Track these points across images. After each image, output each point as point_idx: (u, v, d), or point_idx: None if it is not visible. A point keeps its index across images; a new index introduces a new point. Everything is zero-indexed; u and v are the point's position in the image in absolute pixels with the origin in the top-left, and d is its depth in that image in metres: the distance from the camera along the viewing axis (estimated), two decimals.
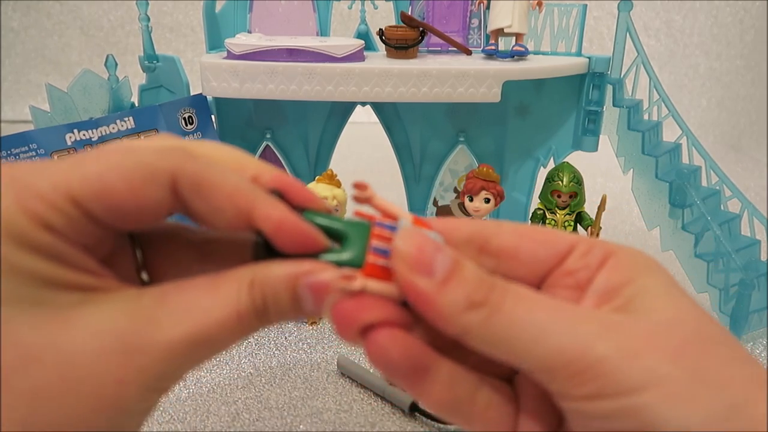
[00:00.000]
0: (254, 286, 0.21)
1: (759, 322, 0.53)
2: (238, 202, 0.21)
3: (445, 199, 0.72)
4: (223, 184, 0.21)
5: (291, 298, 0.21)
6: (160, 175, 0.21)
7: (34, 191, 0.19)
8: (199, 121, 0.59)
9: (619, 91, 0.59)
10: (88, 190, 0.20)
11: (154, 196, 0.21)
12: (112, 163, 0.20)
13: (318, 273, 0.21)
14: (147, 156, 0.21)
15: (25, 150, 0.50)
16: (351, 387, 0.46)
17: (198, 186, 0.21)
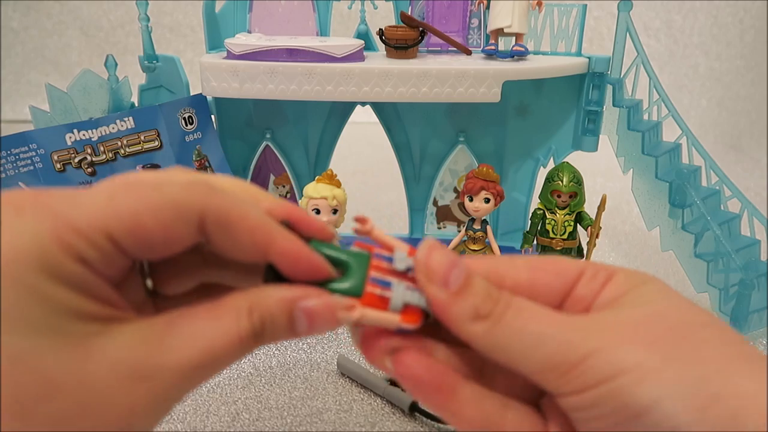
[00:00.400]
0: (252, 312, 0.23)
1: (759, 322, 0.53)
2: (257, 237, 0.23)
3: (445, 199, 0.72)
4: (245, 219, 0.23)
5: (287, 320, 0.23)
6: (188, 213, 0.22)
7: (71, 225, 0.20)
8: (199, 121, 0.59)
9: (619, 91, 0.59)
10: (123, 227, 0.21)
11: (182, 232, 0.22)
12: (144, 200, 0.21)
13: (312, 298, 0.23)
14: (176, 193, 0.22)
15: (25, 150, 0.50)
16: (351, 387, 0.46)
17: (223, 222, 0.23)
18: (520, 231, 0.68)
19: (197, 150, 0.60)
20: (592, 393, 0.21)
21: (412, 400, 0.43)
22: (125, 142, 0.55)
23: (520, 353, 0.22)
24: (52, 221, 0.20)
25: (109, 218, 0.21)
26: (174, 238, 0.22)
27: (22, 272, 0.19)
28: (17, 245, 0.20)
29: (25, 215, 0.20)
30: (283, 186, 0.71)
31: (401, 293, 0.23)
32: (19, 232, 0.20)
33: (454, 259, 0.24)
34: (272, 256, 0.24)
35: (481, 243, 0.54)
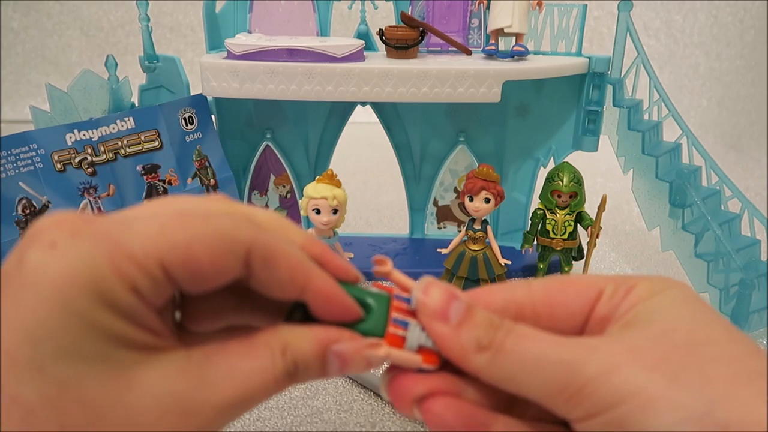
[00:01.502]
0: (286, 354, 0.23)
1: (759, 322, 0.53)
2: (297, 275, 0.24)
3: (445, 199, 0.72)
4: (287, 257, 0.24)
5: (320, 363, 0.24)
6: (237, 247, 0.23)
7: (127, 252, 0.20)
8: (199, 121, 0.59)
9: (619, 91, 0.59)
10: (176, 257, 0.21)
11: (230, 265, 0.23)
12: (197, 231, 0.22)
13: (344, 342, 0.24)
14: (226, 226, 0.22)
15: (25, 150, 0.50)
16: (351, 387, 0.46)
17: (267, 258, 0.23)
18: (520, 231, 0.68)
19: (197, 150, 0.60)
20: (601, 419, 0.21)
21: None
22: (125, 142, 0.55)
23: (524, 380, 0.22)
24: (108, 247, 0.20)
25: (163, 248, 0.21)
26: (222, 271, 0.23)
27: (75, 297, 0.20)
28: (72, 269, 0.20)
29: (82, 239, 0.20)
30: (283, 186, 0.71)
31: (416, 335, 0.24)
32: (74, 256, 0.20)
33: (452, 292, 0.24)
34: (309, 293, 0.24)
35: (481, 243, 0.54)
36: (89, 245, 0.20)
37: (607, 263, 0.68)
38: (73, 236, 0.20)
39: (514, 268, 0.64)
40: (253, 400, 0.23)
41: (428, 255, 0.67)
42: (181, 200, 0.24)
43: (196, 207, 0.24)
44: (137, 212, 0.23)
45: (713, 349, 0.22)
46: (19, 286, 0.20)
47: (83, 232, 0.21)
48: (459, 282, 0.54)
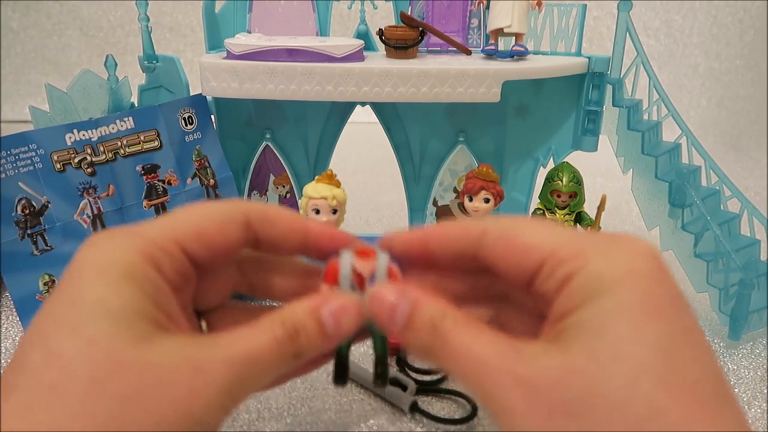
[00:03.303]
0: (285, 322, 0.27)
1: (759, 321, 0.53)
2: (296, 225, 0.30)
3: (445, 199, 0.72)
4: (283, 214, 0.30)
5: (317, 324, 0.27)
6: (237, 215, 0.29)
7: (149, 239, 0.26)
8: (199, 121, 0.59)
9: (619, 91, 0.59)
10: (189, 234, 0.28)
11: (234, 231, 0.29)
12: (203, 212, 0.29)
13: (333, 300, 0.28)
14: (224, 203, 0.29)
15: (24, 150, 0.50)
16: (351, 387, 0.46)
17: (265, 218, 0.29)
18: None
19: (197, 150, 0.60)
20: None
21: (413, 400, 0.43)
22: (125, 142, 0.55)
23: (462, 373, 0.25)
24: (134, 237, 0.26)
25: (177, 229, 0.27)
26: (227, 236, 0.29)
27: (106, 273, 0.25)
28: (106, 253, 0.26)
29: (113, 236, 0.27)
30: (283, 186, 0.71)
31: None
32: (107, 245, 0.26)
33: (401, 293, 0.27)
34: (311, 237, 0.30)
35: None
36: (119, 238, 0.26)
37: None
38: (107, 235, 0.27)
39: None
40: (262, 362, 0.25)
41: None
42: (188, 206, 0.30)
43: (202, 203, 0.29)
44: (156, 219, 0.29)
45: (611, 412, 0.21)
46: (68, 273, 0.25)
47: (115, 232, 0.27)
48: None
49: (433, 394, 0.45)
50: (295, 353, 0.27)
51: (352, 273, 0.30)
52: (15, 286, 0.50)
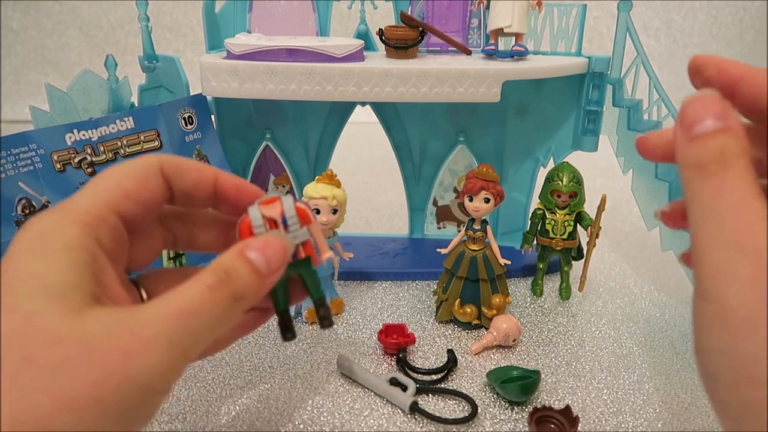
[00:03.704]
0: (214, 268, 0.27)
1: None
2: (205, 172, 0.31)
3: (445, 199, 0.72)
4: (192, 163, 0.31)
5: (246, 264, 0.28)
6: (153, 167, 0.30)
7: (84, 210, 0.27)
8: (199, 121, 0.59)
9: (619, 91, 0.59)
10: (117, 196, 0.28)
11: (155, 184, 0.30)
12: (122, 172, 0.29)
13: (255, 239, 0.29)
14: (139, 160, 0.30)
15: (25, 150, 0.50)
16: (351, 387, 0.46)
17: (177, 167, 0.30)
18: (520, 231, 0.68)
19: (197, 150, 0.60)
20: None
21: (413, 400, 0.43)
22: (125, 142, 0.55)
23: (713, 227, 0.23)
24: (69, 212, 0.27)
25: (105, 194, 0.28)
26: (151, 188, 0.30)
27: (48, 250, 0.25)
28: (42, 229, 0.26)
29: (51, 214, 0.27)
30: (283, 186, 0.71)
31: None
32: (47, 224, 0.26)
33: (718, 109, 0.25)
34: (219, 184, 0.32)
35: (481, 243, 0.54)
36: (53, 215, 0.27)
37: (607, 263, 0.68)
38: (41, 215, 0.27)
39: (514, 268, 0.64)
40: (199, 310, 0.26)
41: (428, 255, 0.67)
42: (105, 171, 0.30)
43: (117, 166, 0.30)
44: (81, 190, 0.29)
45: None
46: (5, 257, 0.26)
47: (49, 211, 0.27)
48: (459, 282, 0.54)
49: (433, 394, 0.45)
50: (234, 295, 0.27)
51: (263, 220, 0.32)
52: None
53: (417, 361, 0.50)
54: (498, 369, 0.47)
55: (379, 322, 0.55)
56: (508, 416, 0.43)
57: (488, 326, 0.54)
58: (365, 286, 0.62)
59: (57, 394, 0.22)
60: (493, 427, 0.42)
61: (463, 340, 0.53)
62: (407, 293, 0.61)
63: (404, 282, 0.63)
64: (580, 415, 0.43)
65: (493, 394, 0.45)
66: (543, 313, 0.58)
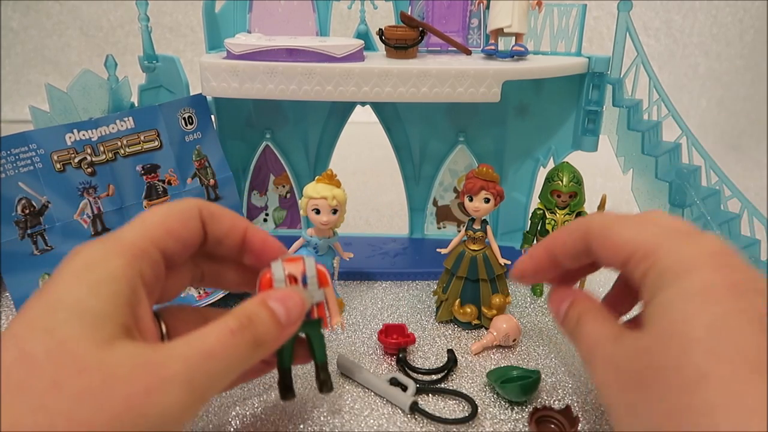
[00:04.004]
0: (236, 314, 0.29)
1: None
2: (237, 222, 0.35)
3: (445, 199, 0.72)
4: (227, 212, 0.35)
5: (267, 311, 0.31)
6: (193, 211, 0.33)
7: (130, 242, 0.29)
8: (199, 121, 0.59)
9: (619, 90, 0.59)
10: (162, 233, 0.31)
11: (195, 225, 0.33)
12: (166, 212, 0.32)
13: (277, 291, 0.33)
14: (181, 203, 0.33)
15: (24, 150, 0.50)
16: (351, 387, 0.46)
17: (212, 213, 0.34)
18: (520, 231, 0.68)
19: (197, 150, 0.60)
20: None
21: (413, 400, 0.43)
22: (125, 142, 0.55)
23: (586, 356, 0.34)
24: (116, 243, 0.29)
25: (150, 229, 0.31)
26: (191, 229, 0.32)
27: (92, 278, 0.27)
28: (94, 259, 0.28)
29: (99, 243, 0.29)
30: (283, 186, 0.71)
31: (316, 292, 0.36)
32: (95, 253, 0.28)
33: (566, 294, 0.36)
34: (248, 237, 0.35)
35: (481, 243, 0.54)
36: (101, 244, 0.29)
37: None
38: (90, 243, 0.29)
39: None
40: (219, 354, 0.27)
41: (428, 255, 0.67)
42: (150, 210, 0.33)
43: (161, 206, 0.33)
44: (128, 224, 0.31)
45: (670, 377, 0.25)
46: (51, 279, 0.28)
47: (98, 240, 0.29)
48: (459, 282, 0.54)
49: (433, 394, 0.45)
50: (254, 341, 0.29)
51: (285, 276, 0.34)
52: (15, 286, 0.50)
53: (417, 361, 0.50)
54: (498, 369, 0.47)
55: (379, 322, 0.55)
56: (508, 416, 0.43)
57: (488, 326, 0.54)
58: (365, 286, 0.62)
59: (76, 421, 0.23)
60: (493, 427, 0.42)
61: (463, 340, 0.53)
62: (407, 293, 0.61)
63: (404, 282, 0.63)
64: (580, 415, 0.43)
65: (493, 394, 0.45)
66: (543, 313, 0.58)
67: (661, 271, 0.29)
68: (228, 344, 0.28)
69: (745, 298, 0.27)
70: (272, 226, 0.73)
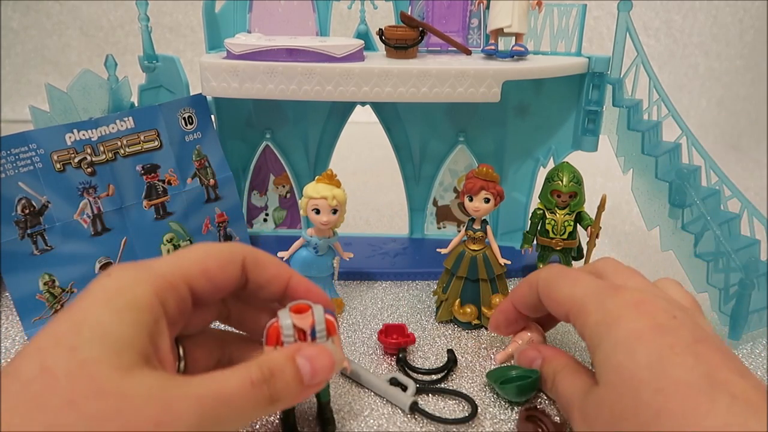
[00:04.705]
0: (262, 366, 0.29)
1: (759, 322, 0.53)
2: (281, 271, 0.35)
3: (445, 199, 0.72)
4: (272, 260, 0.35)
5: (293, 368, 0.30)
6: (236, 257, 0.33)
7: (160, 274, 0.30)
8: (199, 121, 0.59)
9: (619, 91, 0.59)
10: (196, 271, 0.31)
11: (234, 271, 0.33)
12: (207, 252, 0.32)
13: (309, 347, 0.32)
14: (227, 246, 0.33)
15: (24, 150, 0.50)
16: (351, 387, 0.46)
17: (258, 262, 0.34)
18: (520, 231, 0.68)
19: (197, 150, 0.60)
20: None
21: (413, 400, 0.43)
22: (125, 142, 0.55)
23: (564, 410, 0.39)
24: (148, 272, 0.29)
25: (185, 266, 0.31)
26: (228, 275, 0.32)
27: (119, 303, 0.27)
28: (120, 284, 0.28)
29: (128, 268, 0.29)
30: (283, 186, 0.71)
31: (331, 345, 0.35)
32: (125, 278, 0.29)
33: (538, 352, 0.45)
34: (291, 284, 0.35)
35: (481, 243, 0.54)
36: (133, 270, 0.29)
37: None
38: (123, 267, 0.30)
39: (513, 268, 0.64)
40: (234, 403, 0.27)
41: (428, 255, 0.67)
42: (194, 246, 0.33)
43: (206, 244, 0.33)
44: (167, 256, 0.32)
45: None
46: (81, 297, 0.28)
47: (131, 265, 0.30)
48: (459, 282, 0.54)
49: (433, 394, 0.45)
50: (271, 397, 0.29)
51: (294, 330, 0.33)
52: (15, 286, 0.50)
53: (417, 361, 0.50)
54: (497, 369, 0.47)
55: (379, 322, 0.55)
56: (508, 416, 0.43)
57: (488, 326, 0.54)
58: (365, 286, 0.62)
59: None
60: (493, 427, 0.42)
61: (463, 340, 0.53)
62: (407, 293, 0.61)
63: (404, 282, 0.63)
64: None
65: (493, 394, 0.45)
66: None
67: (594, 325, 0.33)
68: (244, 394, 0.28)
69: (670, 335, 0.30)
70: (272, 226, 0.73)
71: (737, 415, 0.25)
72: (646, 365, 0.29)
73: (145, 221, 0.56)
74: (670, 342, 0.29)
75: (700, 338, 0.30)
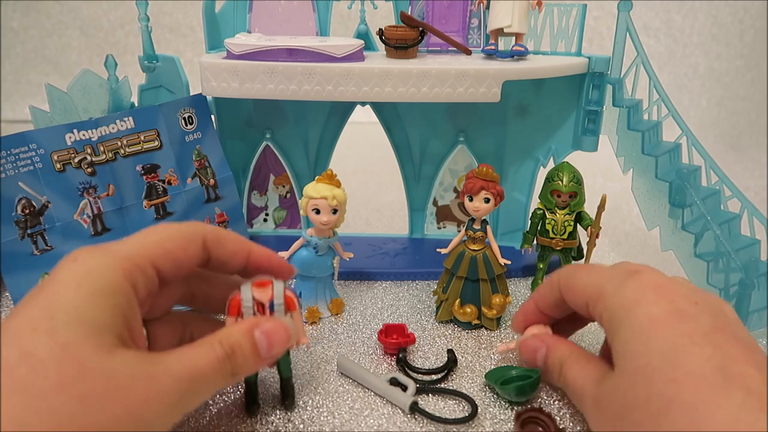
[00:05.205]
0: (223, 342, 0.31)
1: (759, 321, 0.53)
2: (242, 245, 0.36)
3: (445, 199, 0.72)
4: (231, 236, 0.36)
5: (251, 344, 0.33)
6: (196, 236, 0.34)
7: (125, 256, 0.31)
8: (199, 121, 0.59)
9: (619, 90, 0.59)
10: (160, 253, 0.32)
11: (194, 251, 0.34)
12: (168, 233, 0.33)
13: (266, 322, 0.34)
14: (186, 226, 0.34)
15: (24, 150, 0.50)
16: (351, 387, 0.46)
17: (218, 239, 0.35)
18: (520, 231, 0.68)
19: (197, 150, 0.60)
20: None
21: (413, 400, 0.43)
22: (125, 142, 0.55)
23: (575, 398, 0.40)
24: (115, 256, 0.30)
25: (149, 248, 0.32)
26: (190, 255, 0.34)
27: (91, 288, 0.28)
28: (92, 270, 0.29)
29: (98, 253, 0.30)
30: (283, 186, 0.71)
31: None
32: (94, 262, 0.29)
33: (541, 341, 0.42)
34: (252, 257, 0.36)
35: (481, 243, 0.54)
36: (100, 254, 0.30)
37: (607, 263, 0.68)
38: (89, 251, 0.30)
39: (514, 268, 0.64)
40: (205, 379, 0.30)
41: (428, 255, 0.67)
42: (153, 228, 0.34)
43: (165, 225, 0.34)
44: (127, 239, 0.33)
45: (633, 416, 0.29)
46: (49, 282, 0.28)
47: (96, 248, 0.30)
48: (459, 282, 0.54)
49: (433, 394, 0.45)
50: (232, 370, 0.31)
51: (253, 302, 0.35)
52: (15, 286, 0.50)
53: (417, 361, 0.50)
54: (497, 369, 0.47)
55: (379, 322, 0.55)
56: (508, 416, 0.43)
57: (488, 326, 0.54)
58: (365, 286, 0.62)
59: (80, 423, 0.24)
60: (493, 427, 0.42)
61: (463, 340, 0.53)
62: (407, 293, 0.61)
63: (404, 282, 0.63)
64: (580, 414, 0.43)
65: (493, 394, 0.45)
66: None
67: (612, 310, 0.32)
68: (215, 371, 0.30)
69: (687, 322, 0.29)
70: (272, 226, 0.73)
71: (750, 411, 0.25)
72: (661, 354, 0.28)
73: (146, 221, 0.56)
74: (687, 330, 0.29)
75: (720, 326, 0.29)
